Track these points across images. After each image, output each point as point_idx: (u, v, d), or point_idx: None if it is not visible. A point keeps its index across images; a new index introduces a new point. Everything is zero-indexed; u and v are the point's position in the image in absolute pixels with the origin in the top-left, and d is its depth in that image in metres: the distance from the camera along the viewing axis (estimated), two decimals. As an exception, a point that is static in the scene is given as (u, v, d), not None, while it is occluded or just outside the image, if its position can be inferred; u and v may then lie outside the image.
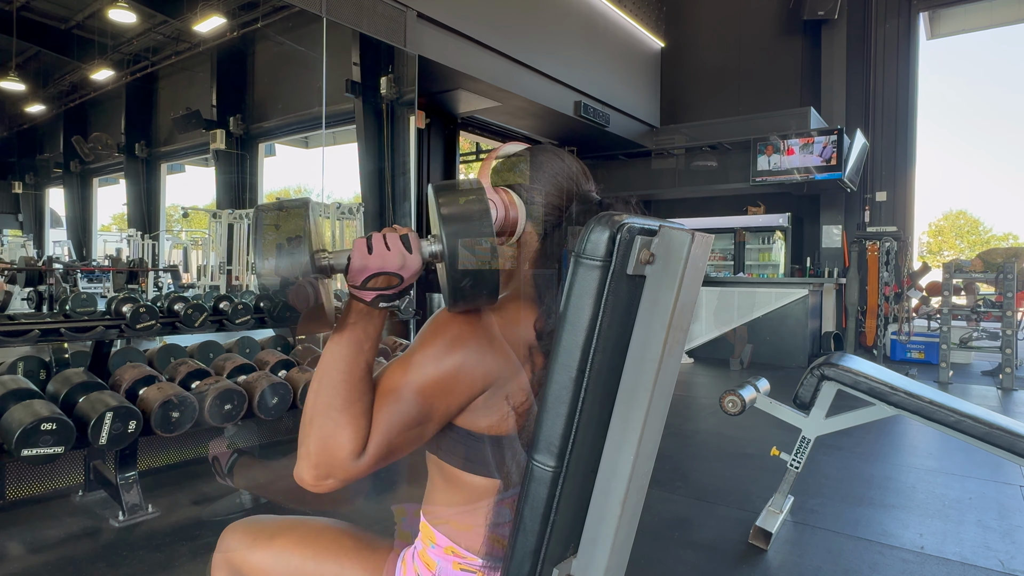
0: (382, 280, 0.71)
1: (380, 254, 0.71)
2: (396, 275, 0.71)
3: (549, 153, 0.88)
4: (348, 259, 0.72)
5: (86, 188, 16.50)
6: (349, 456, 0.69)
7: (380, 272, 0.71)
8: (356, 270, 0.71)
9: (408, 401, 0.72)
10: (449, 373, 0.73)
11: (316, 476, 0.69)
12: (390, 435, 0.71)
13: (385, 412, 0.71)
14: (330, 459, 0.68)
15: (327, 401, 0.70)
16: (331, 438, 0.68)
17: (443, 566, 0.83)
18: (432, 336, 0.75)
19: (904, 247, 7.14)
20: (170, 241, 13.62)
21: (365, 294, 0.71)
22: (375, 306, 0.72)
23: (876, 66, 8.29)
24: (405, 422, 0.71)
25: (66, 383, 2.40)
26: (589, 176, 0.90)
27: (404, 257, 0.72)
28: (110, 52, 11.65)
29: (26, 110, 15.03)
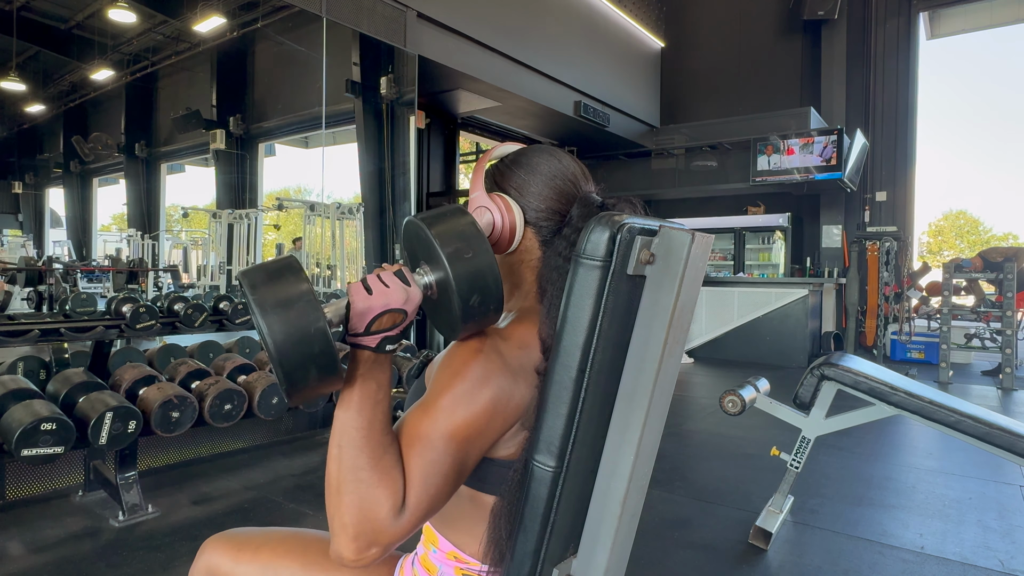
0: (386, 319, 0.67)
1: (381, 292, 0.67)
2: (400, 311, 0.68)
3: (545, 154, 0.84)
4: (347, 306, 0.67)
5: (86, 188, 16.50)
6: (390, 514, 0.63)
7: (385, 311, 0.67)
8: (359, 314, 0.67)
9: (441, 450, 0.67)
10: (483, 414, 0.69)
11: (358, 548, 0.62)
12: (429, 488, 0.65)
13: (419, 463, 0.66)
14: (371, 523, 0.62)
15: (352, 463, 0.64)
16: (366, 500, 0.63)
17: (445, 571, 0.81)
18: (456, 375, 0.69)
19: (904, 247, 7.14)
20: (170, 241, 13.62)
21: (370, 340, 0.67)
22: (382, 350, 0.67)
23: (876, 66, 8.30)
24: (443, 472, 0.66)
25: (66, 383, 2.40)
26: (589, 177, 0.86)
27: (405, 291, 0.69)
28: (110, 52, 11.66)
29: (26, 110, 15.03)
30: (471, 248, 0.69)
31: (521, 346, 0.74)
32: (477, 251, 0.69)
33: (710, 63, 9.40)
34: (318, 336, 0.61)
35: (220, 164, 11.26)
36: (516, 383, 0.71)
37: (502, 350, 0.72)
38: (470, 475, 0.75)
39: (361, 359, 0.67)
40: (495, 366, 0.70)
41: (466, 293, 0.68)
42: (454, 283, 0.68)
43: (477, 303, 0.69)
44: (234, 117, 11.14)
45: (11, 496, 2.48)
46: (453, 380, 0.69)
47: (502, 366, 0.70)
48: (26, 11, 11.22)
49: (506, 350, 0.72)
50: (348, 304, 0.67)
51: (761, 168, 7.72)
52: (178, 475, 2.83)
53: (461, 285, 0.68)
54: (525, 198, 0.81)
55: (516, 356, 0.72)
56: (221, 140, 10.96)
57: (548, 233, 0.81)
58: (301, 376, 0.62)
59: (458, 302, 0.68)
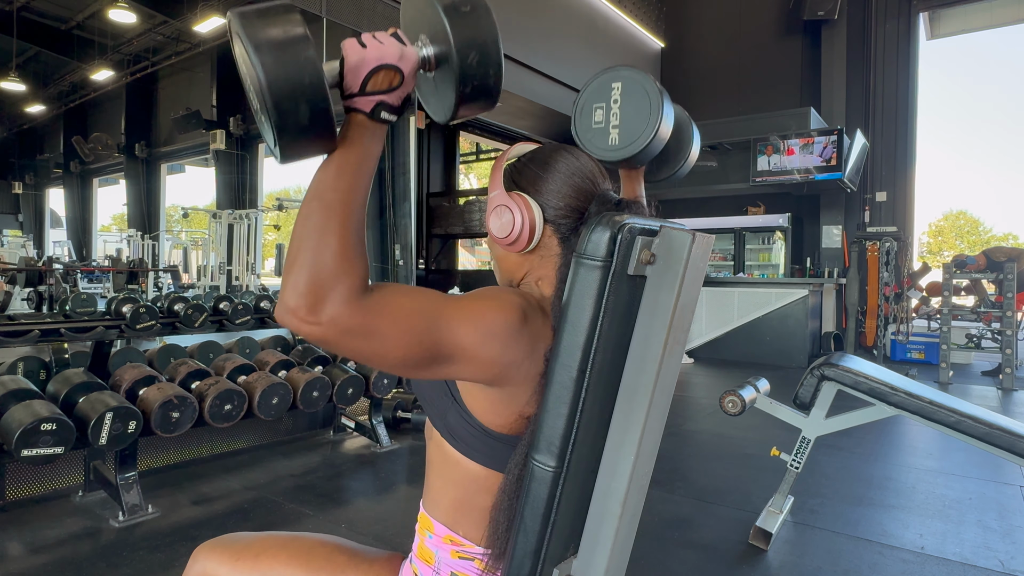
0: (382, 78, 0.64)
1: (375, 46, 0.64)
2: (397, 68, 0.64)
3: (563, 152, 0.84)
4: (340, 61, 0.63)
5: (86, 188, 16.42)
6: (344, 292, 0.59)
7: (380, 66, 0.63)
8: (353, 68, 0.63)
9: (436, 323, 0.64)
10: (489, 352, 0.67)
11: (303, 306, 0.58)
12: (395, 313, 0.62)
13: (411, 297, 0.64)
14: (322, 290, 0.59)
15: (322, 224, 0.60)
16: (327, 266, 0.59)
17: (441, 556, 0.82)
18: (495, 307, 0.69)
19: (904, 247, 7.14)
20: (170, 241, 13.63)
21: (366, 102, 0.64)
22: (377, 116, 0.64)
23: (876, 66, 8.30)
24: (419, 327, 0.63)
25: (66, 383, 2.40)
26: (607, 175, 0.86)
27: (401, 48, 0.65)
28: (110, 52, 11.67)
29: (26, 110, 14.98)
30: (470, 3, 0.66)
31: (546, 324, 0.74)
32: (475, 6, 0.66)
33: (710, 63, 9.40)
34: (308, 65, 0.58)
35: (220, 164, 11.28)
36: (527, 355, 0.71)
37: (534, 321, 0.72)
38: (459, 440, 0.76)
39: (354, 123, 0.65)
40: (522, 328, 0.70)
41: (464, 47, 0.65)
42: (451, 36, 0.65)
43: (475, 62, 0.66)
44: (234, 117, 11.16)
45: (11, 496, 2.48)
46: (492, 304, 0.69)
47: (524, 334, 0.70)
48: (26, 11, 11.22)
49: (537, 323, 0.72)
50: (342, 61, 0.64)
51: (761, 168, 7.72)
52: (178, 475, 2.83)
53: (458, 39, 0.65)
54: (544, 196, 0.81)
55: (545, 335, 0.73)
56: (221, 140, 10.98)
57: (567, 231, 0.80)
58: (291, 111, 0.58)
59: (455, 59, 0.65)
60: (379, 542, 2.21)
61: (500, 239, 0.80)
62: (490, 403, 0.74)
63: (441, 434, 0.78)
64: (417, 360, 0.64)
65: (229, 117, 11.18)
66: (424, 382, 0.80)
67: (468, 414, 0.75)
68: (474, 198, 8.00)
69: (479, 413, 0.75)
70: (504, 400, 0.73)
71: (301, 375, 2.90)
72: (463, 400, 0.75)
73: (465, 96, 0.68)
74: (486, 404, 0.74)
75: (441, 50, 0.67)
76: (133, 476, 2.39)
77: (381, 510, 2.50)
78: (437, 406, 0.78)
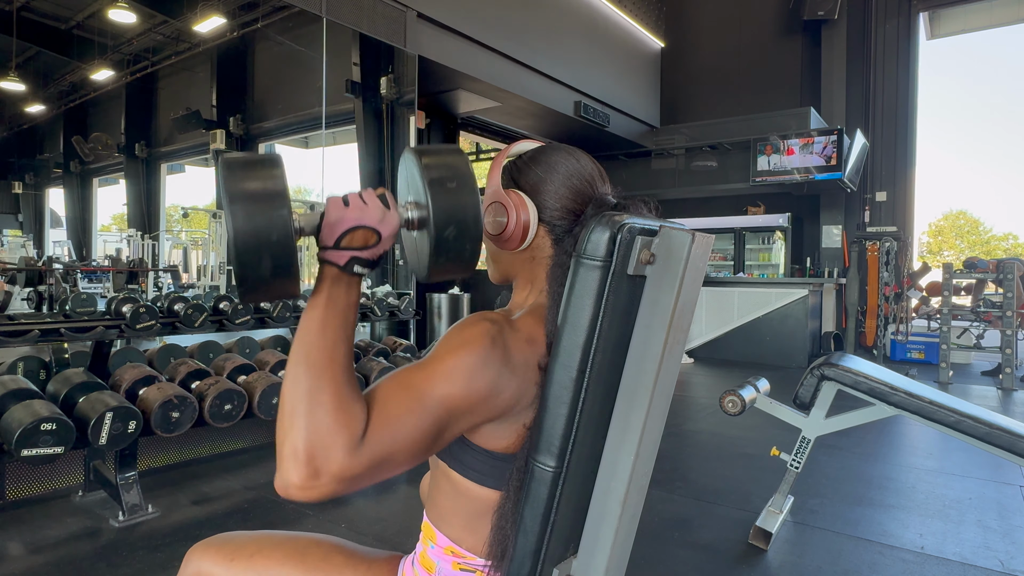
0: (359, 237, 0.66)
1: (358, 207, 0.66)
2: (374, 231, 0.66)
3: (563, 153, 0.83)
4: (321, 216, 0.66)
5: (86, 188, 16.49)
6: (346, 446, 0.59)
7: (357, 226, 0.65)
8: (331, 224, 0.65)
9: (426, 408, 0.64)
10: (478, 394, 0.67)
11: (306, 475, 0.58)
12: (396, 435, 0.62)
13: (395, 407, 0.63)
14: (323, 451, 0.58)
15: (310, 385, 0.61)
16: (323, 427, 0.59)
17: (442, 567, 0.81)
18: (464, 348, 0.67)
19: (904, 247, 7.14)
20: (170, 241, 13.63)
21: (339, 256, 0.65)
22: (349, 271, 0.65)
23: (876, 66, 8.30)
24: (418, 427, 0.64)
25: (66, 383, 2.40)
26: (605, 177, 0.85)
27: (383, 212, 0.67)
28: (110, 52, 11.66)
29: (26, 110, 15.03)
30: (456, 180, 0.67)
31: (529, 341, 0.73)
32: (462, 185, 0.67)
33: (710, 63, 9.40)
34: (278, 223, 0.60)
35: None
36: (513, 377, 0.70)
37: (509, 341, 0.71)
38: (468, 468, 0.75)
39: (328, 276, 0.66)
40: (499, 354, 0.69)
41: (442, 222, 0.66)
42: (432, 209, 0.66)
43: (452, 236, 0.67)
44: (234, 117, 11.14)
45: (11, 496, 2.48)
46: (459, 351, 0.67)
47: (505, 357, 0.69)
48: (26, 11, 11.22)
49: (513, 342, 0.71)
50: (323, 215, 0.66)
51: (761, 168, 7.72)
52: (178, 475, 2.83)
53: (439, 213, 0.66)
54: (541, 196, 0.80)
55: (521, 350, 0.72)
56: (221, 140, 10.96)
57: (561, 232, 0.80)
58: (256, 275, 0.61)
59: (432, 231, 0.67)
60: (379, 542, 2.21)
61: (493, 236, 0.80)
62: (492, 429, 0.73)
63: (448, 465, 0.77)
64: (428, 447, 0.66)
65: (229, 117, 11.17)
66: None
67: (471, 443, 0.74)
68: (474, 198, 7.99)
69: (482, 441, 0.74)
70: (503, 423, 0.73)
71: (301, 375, 2.89)
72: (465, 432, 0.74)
73: (439, 264, 0.70)
74: (489, 430, 0.73)
75: (424, 216, 0.69)
76: (133, 476, 2.39)
77: (381, 510, 2.50)
78: None
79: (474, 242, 0.69)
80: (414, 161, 0.69)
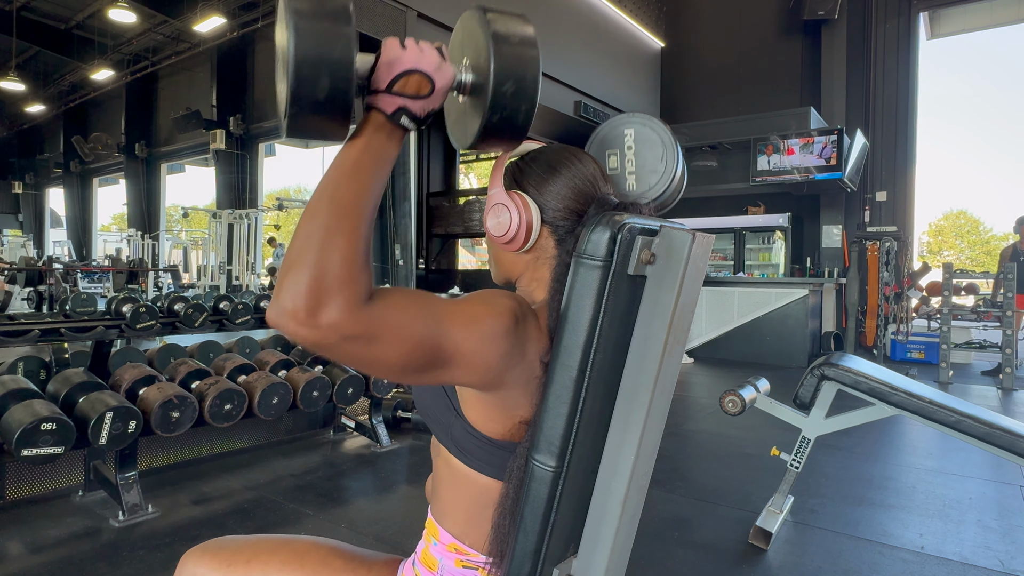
0: (412, 83, 0.62)
1: (415, 51, 0.62)
2: (429, 78, 0.63)
3: (566, 153, 0.83)
4: (376, 55, 0.61)
5: (86, 188, 16.41)
6: (348, 299, 0.55)
7: (413, 69, 0.62)
8: (387, 63, 0.61)
9: (435, 330, 0.61)
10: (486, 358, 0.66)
11: (302, 309, 0.54)
12: (397, 322, 0.59)
13: (409, 304, 0.60)
14: (325, 294, 0.54)
15: (329, 225, 0.57)
16: (331, 270, 0.55)
17: (445, 563, 0.81)
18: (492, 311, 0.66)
19: (904, 247, 7.14)
20: (170, 241, 13.62)
21: (389, 102, 0.62)
22: (397, 120, 0.62)
23: (876, 66, 8.30)
24: (419, 335, 0.60)
25: (66, 383, 2.40)
26: (607, 177, 0.85)
27: (440, 61, 0.64)
28: (110, 52, 11.66)
29: (26, 110, 14.96)
30: (520, 38, 0.65)
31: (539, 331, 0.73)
32: (525, 42, 0.65)
33: (710, 63, 9.40)
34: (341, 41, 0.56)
35: (220, 164, 11.27)
36: (521, 362, 0.70)
37: (529, 328, 0.70)
38: (467, 454, 0.76)
39: (371, 121, 0.63)
40: (519, 334, 0.68)
41: (502, 76, 0.63)
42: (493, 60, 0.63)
43: (510, 92, 0.64)
44: (234, 117, 11.16)
45: (11, 496, 2.48)
46: (487, 312, 0.66)
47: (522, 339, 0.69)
48: (26, 11, 11.22)
49: (532, 330, 0.71)
50: (378, 55, 0.62)
51: (761, 168, 7.72)
52: (178, 475, 2.83)
53: (500, 67, 0.63)
54: (543, 197, 0.80)
55: (534, 340, 0.71)
56: (221, 140, 10.98)
57: (564, 232, 0.80)
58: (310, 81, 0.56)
59: (491, 84, 0.63)
60: (379, 542, 2.21)
61: (496, 237, 0.80)
62: (487, 411, 0.73)
63: (448, 449, 0.78)
64: (416, 365, 0.62)
65: (229, 117, 11.18)
66: (427, 399, 0.79)
67: (471, 426, 0.75)
68: (474, 198, 8.00)
69: (479, 424, 0.74)
70: (499, 406, 0.73)
71: (301, 375, 2.90)
72: (464, 413, 0.75)
73: (491, 125, 0.67)
74: (483, 412, 0.74)
75: (480, 78, 0.66)
76: (133, 476, 2.39)
77: (381, 510, 2.50)
78: (441, 422, 0.78)
79: (530, 104, 0.66)
80: (476, 16, 0.66)
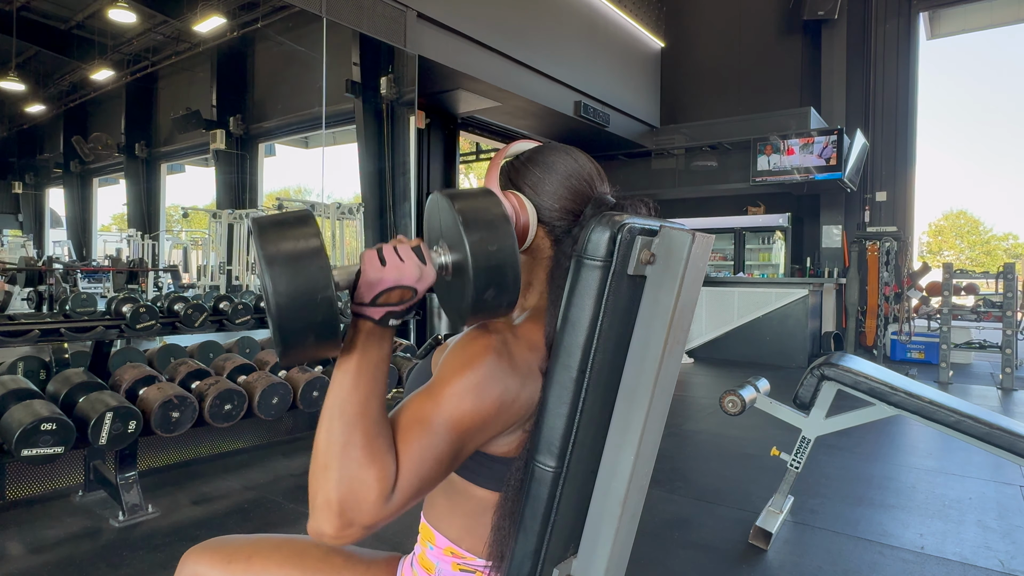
0: (396, 295, 0.65)
1: (395, 266, 0.65)
2: (411, 288, 0.66)
3: (561, 152, 0.83)
4: (357, 274, 0.65)
5: (86, 188, 16.48)
6: (378, 498, 0.60)
7: (395, 286, 0.65)
8: (368, 284, 0.65)
9: (442, 436, 0.64)
10: (489, 409, 0.67)
11: (340, 526, 0.59)
12: (421, 472, 0.63)
13: (415, 446, 0.64)
14: (356, 504, 0.60)
15: (344, 439, 0.61)
16: (356, 480, 0.60)
17: (442, 567, 0.81)
18: (468, 366, 0.67)
19: (904, 247, 7.14)
20: (170, 241, 13.62)
21: (374, 312, 0.65)
22: (385, 324, 0.65)
23: (876, 66, 8.30)
24: (438, 458, 0.64)
25: (66, 383, 2.40)
26: (604, 177, 0.85)
27: (420, 269, 0.66)
28: (110, 52, 11.65)
29: (26, 110, 15.02)
30: (496, 240, 0.65)
31: (531, 347, 0.73)
32: (502, 244, 0.66)
33: (710, 63, 9.40)
34: (323, 304, 0.59)
35: (220, 164, 11.25)
36: (524, 385, 0.70)
37: (513, 351, 0.71)
38: (465, 469, 0.75)
39: (362, 329, 0.66)
40: (506, 365, 0.69)
41: (482, 284, 0.65)
42: (472, 272, 0.65)
43: (492, 297, 0.66)
44: (234, 117, 11.13)
45: (11, 496, 2.48)
46: (464, 370, 0.67)
47: (512, 367, 0.69)
48: (26, 11, 11.22)
49: (517, 351, 0.71)
50: (359, 272, 0.65)
51: (761, 168, 7.72)
52: (178, 475, 2.83)
53: (479, 275, 0.65)
54: (540, 197, 0.80)
55: (525, 358, 0.71)
56: (221, 140, 10.96)
57: (560, 232, 0.80)
58: (298, 340, 0.59)
59: (472, 292, 0.65)
60: (378, 542, 2.21)
61: None
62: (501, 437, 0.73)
63: None
64: (449, 469, 0.67)
65: (229, 117, 11.17)
66: None
67: None
68: (474, 198, 7.99)
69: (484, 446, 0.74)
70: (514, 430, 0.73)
71: (301, 375, 2.90)
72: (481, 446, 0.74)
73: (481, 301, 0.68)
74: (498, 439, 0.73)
75: (459, 259, 0.67)
76: (133, 476, 2.39)
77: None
78: None
79: (512, 297, 0.68)
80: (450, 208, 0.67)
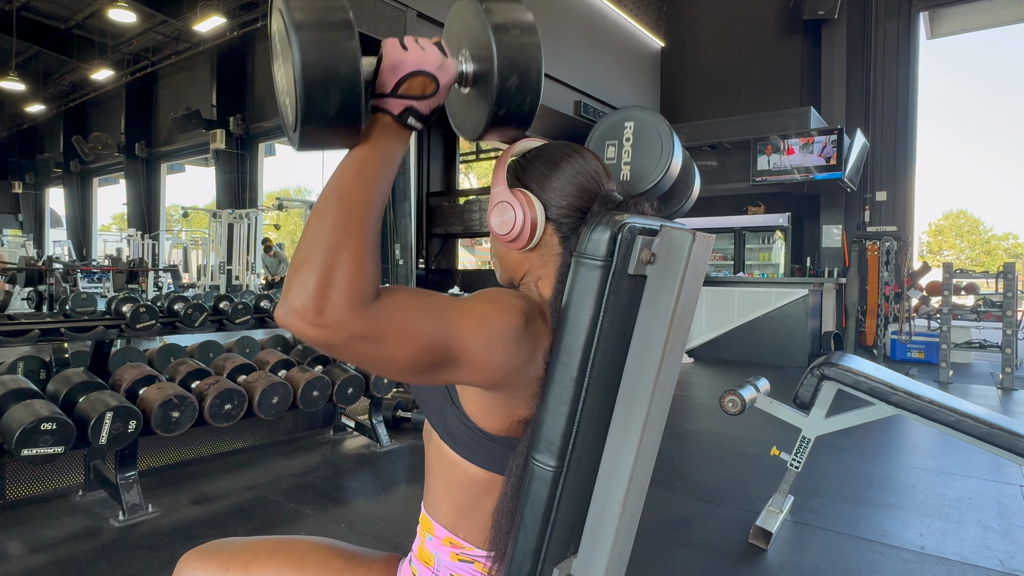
0: (417, 84, 0.63)
1: (416, 51, 0.63)
2: (433, 77, 0.63)
3: (568, 150, 0.83)
4: (378, 58, 0.62)
5: (86, 188, 16.39)
6: (356, 298, 0.56)
7: (416, 71, 0.62)
8: (391, 67, 0.62)
9: (442, 330, 0.62)
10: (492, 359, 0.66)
11: (311, 307, 0.55)
12: (403, 321, 0.59)
13: (416, 303, 0.61)
14: (334, 293, 0.56)
15: (339, 223, 0.58)
16: (339, 269, 0.56)
17: (441, 558, 0.81)
18: (500, 310, 0.67)
19: (904, 247, 7.14)
20: (170, 241, 13.61)
21: (395, 104, 0.63)
22: (404, 121, 0.64)
23: (876, 66, 8.30)
24: (425, 334, 0.61)
25: (66, 383, 2.40)
26: (611, 175, 0.85)
27: (442, 59, 0.64)
28: (110, 52, 11.65)
29: (26, 110, 14.94)
30: (520, 27, 0.64)
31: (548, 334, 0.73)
32: (526, 31, 0.64)
33: (710, 63, 9.40)
34: (348, 55, 0.56)
35: (220, 164, 11.27)
36: (528, 361, 0.70)
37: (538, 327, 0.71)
38: (459, 444, 0.76)
39: (380, 124, 0.64)
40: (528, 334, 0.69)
41: (506, 70, 0.63)
42: (496, 55, 0.62)
43: (514, 86, 0.64)
44: (234, 117, 11.16)
45: (11, 496, 2.48)
46: (495, 311, 0.67)
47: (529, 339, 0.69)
48: (26, 11, 11.21)
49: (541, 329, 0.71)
50: (380, 58, 0.63)
51: (761, 168, 7.72)
52: (178, 475, 2.83)
53: (503, 60, 0.63)
54: (547, 194, 0.80)
55: (546, 336, 0.72)
56: (221, 140, 10.98)
57: (568, 230, 0.79)
58: (320, 99, 0.56)
59: (495, 80, 0.63)
60: (379, 542, 2.21)
61: (501, 236, 0.79)
62: (486, 407, 0.73)
63: (440, 436, 0.78)
64: (424, 365, 0.62)
65: (229, 117, 11.18)
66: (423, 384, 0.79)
67: (466, 417, 0.75)
68: (474, 198, 8.00)
69: (475, 417, 0.74)
70: (500, 404, 0.73)
71: (301, 375, 2.90)
72: (461, 403, 0.75)
73: (498, 119, 0.67)
74: (483, 407, 0.73)
75: (482, 68, 0.66)
76: (133, 475, 2.39)
77: (381, 510, 2.50)
78: (436, 408, 0.78)
79: (535, 95, 0.66)
80: (472, 7, 0.66)
